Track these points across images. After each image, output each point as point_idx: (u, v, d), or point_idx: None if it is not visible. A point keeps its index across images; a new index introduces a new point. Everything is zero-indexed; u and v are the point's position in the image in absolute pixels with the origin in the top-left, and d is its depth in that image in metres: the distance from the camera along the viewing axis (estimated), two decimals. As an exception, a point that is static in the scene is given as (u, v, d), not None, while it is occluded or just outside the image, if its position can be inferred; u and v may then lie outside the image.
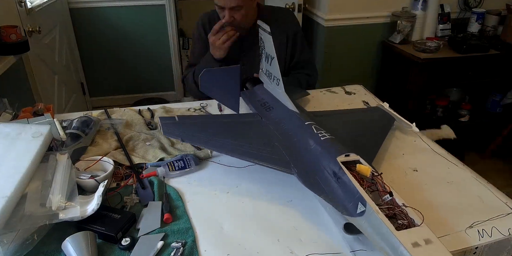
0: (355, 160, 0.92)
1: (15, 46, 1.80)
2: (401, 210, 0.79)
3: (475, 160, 2.80)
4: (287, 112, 1.20)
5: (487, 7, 2.64)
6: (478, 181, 1.09)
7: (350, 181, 0.85)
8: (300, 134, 1.09)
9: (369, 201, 0.79)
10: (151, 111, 1.44)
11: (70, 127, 1.21)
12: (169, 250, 0.84)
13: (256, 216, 0.96)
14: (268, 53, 1.29)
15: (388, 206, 0.80)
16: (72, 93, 2.95)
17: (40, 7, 2.39)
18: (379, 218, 0.75)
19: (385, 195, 0.82)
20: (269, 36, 1.24)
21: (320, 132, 1.04)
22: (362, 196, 0.80)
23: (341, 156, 0.92)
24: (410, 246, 0.70)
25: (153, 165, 1.13)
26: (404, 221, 0.77)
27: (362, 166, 0.89)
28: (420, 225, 0.75)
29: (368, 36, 2.63)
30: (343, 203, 0.86)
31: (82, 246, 0.81)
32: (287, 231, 0.91)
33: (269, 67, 1.31)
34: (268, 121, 1.21)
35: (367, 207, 0.78)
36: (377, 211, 0.76)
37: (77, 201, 0.93)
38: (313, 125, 1.08)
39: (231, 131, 1.16)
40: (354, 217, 0.82)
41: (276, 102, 1.28)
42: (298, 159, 1.02)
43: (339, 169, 0.89)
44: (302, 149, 1.04)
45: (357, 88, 1.68)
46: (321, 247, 0.86)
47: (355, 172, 0.89)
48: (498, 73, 2.51)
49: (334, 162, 0.92)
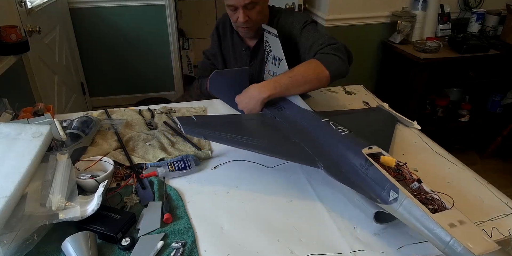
0: (378, 152, 0.96)
1: (15, 46, 1.81)
2: (430, 196, 0.83)
3: (475, 160, 2.80)
4: (300, 111, 1.21)
5: (487, 7, 2.63)
6: (478, 181, 1.09)
7: (378, 171, 0.89)
8: (320, 130, 1.11)
9: (400, 188, 0.83)
10: (151, 111, 1.44)
11: (70, 127, 1.21)
12: (169, 250, 0.84)
13: (256, 216, 0.96)
14: (275, 56, 1.29)
15: (417, 192, 0.84)
16: (72, 93, 2.95)
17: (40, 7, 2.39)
18: (413, 203, 0.79)
19: (412, 183, 0.85)
20: (276, 39, 1.24)
21: (339, 127, 1.07)
22: (393, 183, 0.84)
23: (365, 148, 0.96)
24: (447, 227, 0.74)
25: (153, 165, 1.13)
26: (434, 205, 0.80)
27: (387, 157, 0.93)
28: (451, 208, 0.79)
29: (368, 36, 2.63)
30: (375, 192, 0.88)
31: (82, 246, 0.81)
32: (287, 231, 0.91)
33: (276, 69, 1.31)
34: (283, 120, 1.21)
35: (399, 193, 0.82)
36: (410, 196, 0.80)
37: (77, 201, 0.93)
38: (330, 121, 1.10)
39: (248, 129, 1.17)
40: (388, 204, 0.85)
41: (287, 102, 1.28)
42: (322, 153, 1.05)
43: (366, 160, 0.93)
44: (324, 144, 1.07)
45: (357, 88, 1.68)
46: (321, 247, 0.86)
47: (380, 163, 0.92)
48: (498, 73, 2.50)
49: (360, 154, 0.95)
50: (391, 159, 0.92)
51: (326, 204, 0.99)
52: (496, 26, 2.61)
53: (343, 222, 0.94)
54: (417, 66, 2.36)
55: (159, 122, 1.35)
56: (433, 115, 2.74)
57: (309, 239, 0.89)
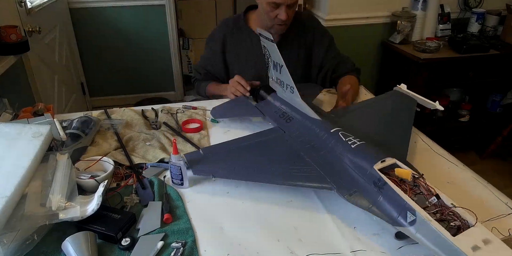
0: (393, 164, 0.90)
1: (15, 46, 1.81)
2: (451, 211, 0.77)
3: (475, 160, 2.80)
4: (309, 122, 1.16)
5: (487, 7, 2.64)
6: (478, 181, 1.09)
7: (393, 190, 0.82)
8: (329, 144, 1.05)
9: (418, 209, 0.77)
10: (155, 110, 1.44)
11: (70, 127, 1.21)
12: (169, 250, 0.84)
13: (256, 216, 0.96)
14: (275, 62, 1.26)
15: (436, 209, 0.78)
16: (72, 93, 2.95)
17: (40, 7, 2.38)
18: (432, 226, 0.73)
19: (431, 198, 0.80)
20: (273, 44, 1.20)
21: (349, 139, 1.00)
22: (410, 205, 0.78)
23: (377, 163, 0.90)
24: (470, 251, 0.68)
25: (153, 165, 1.13)
26: (456, 222, 0.75)
27: (401, 170, 0.86)
28: (474, 225, 0.73)
29: (368, 36, 2.63)
30: (391, 214, 0.83)
31: (82, 246, 0.81)
32: (287, 231, 0.91)
33: (279, 75, 1.27)
34: (291, 135, 1.16)
35: (417, 215, 0.77)
36: (428, 219, 0.74)
37: (77, 201, 0.93)
38: (339, 131, 1.04)
39: (257, 154, 1.11)
40: (405, 227, 0.80)
41: (295, 111, 1.23)
42: (333, 172, 0.99)
43: (379, 178, 0.87)
44: (335, 161, 1.01)
45: (357, 88, 1.67)
46: (321, 247, 0.86)
47: (395, 176, 0.86)
48: (498, 73, 2.50)
49: (372, 171, 0.89)
50: (407, 172, 0.85)
51: (326, 204, 0.99)
52: (496, 26, 2.62)
53: (343, 222, 0.94)
54: (417, 66, 2.36)
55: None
56: (433, 115, 2.74)
57: (309, 239, 0.89)
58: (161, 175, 1.11)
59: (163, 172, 1.12)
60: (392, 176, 0.87)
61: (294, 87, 1.20)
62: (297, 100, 1.22)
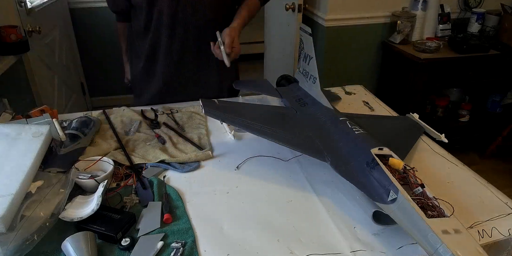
0: (388, 154, 0.96)
1: (15, 46, 1.81)
2: (431, 202, 0.82)
3: (475, 160, 2.80)
4: (322, 108, 1.24)
5: (487, 7, 2.64)
6: (478, 181, 1.09)
7: (383, 171, 0.89)
8: (335, 127, 1.13)
9: (400, 189, 0.82)
10: (154, 110, 1.44)
11: (69, 128, 1.21)
12: (169, 250, 0.84)
13: (256, 216, 0.96)
14: (307, 53, 1.34)
15: (418, 197, 0.83)
16: (72, 93, 2.95)
17: (40, 7, 2.39)
18: (410, 205, 0.79)
19: (416, 188, 0.85)
20: (309, 37, 1.30)
21: (354, 127, 1.08)
22: (394, 184, 0.84)
23: (375, 148, 0.96)
24: (440, 232, 0.73)
25: (153, 165, 1.13)
26: (434, 212, 0.80)
27: (395, 160, 0.92)
28: (449, 217, 0.78)
29: (368, 36, 2.63)
30: (376, 190, 0.89)
31: (82, 246, 0.81)
32: (287, 231, 0.91)
33: (306, 67, 1.36)
34: (302, 115, 1.25)
35: (398, 194, 0.82)
36: (408, 199, 0.80)
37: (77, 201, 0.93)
38: (347, 120, 1.12)
39: (267, 119, 1.20)
40: (386, 204, 0.85)
41: (311, 99, 1.32)
42: (332, 148, 1.06)
43: (373, 159, 0.93)
44: (336, 140, 1.08)
45: (357, 88, 1.68)
46: (321, 247, 0.86)
47: (388, 165, 0.92)
48: (498, 73, 2.51)
49: (368, 153, 0.95)
50: (399, 162, 0.91)
51: (326, 204, 0.99)
52: (496, 26, 2.62)
53: (343, 222, 0.94)
54: (417, 66, 2.36)
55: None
56: (433, 115, 2.75)
57: (309, 239, 0.89)
58: (161, 175, 1.11)
59: (163, 172, 1.12)
60: (386, 165, 0.92)
61: (317, 78, 1.28)
62: (316, 90, 1.30)
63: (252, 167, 1.13)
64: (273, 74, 3.02)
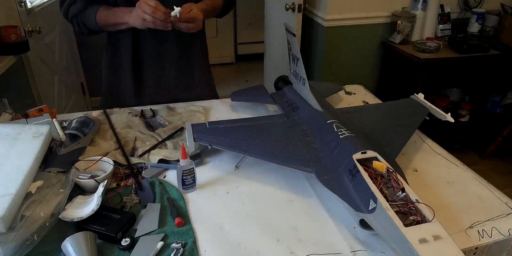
0: (372, 157, 0.94)
1: (15, 46, 1.81)
2: (414, 206, 0.80)
3: (475, 160, 2.80)
4: (310, 111, 1.23)
5: (487, 7, 2.64)
6: (478, 181, 1.09)
7: (363, 179, 0.87)
8: (321, 132, 1.11)
9: (380, 198, 0.80)
10: (153, 111, 1.44)
11: (69, 128, 1.21)
12: (169, 250, 0.84)
13: (256, 216, 0.96)
14: (294, 55, 1.32)
15: (401, 202, 0.82)
16: (72, 93, 2.95)
17: (40, 7, 2.39)
18: (388, 214, 0.77)
19: (398, 192, 0.84)
20: (294, 37, 1.28)
21: (340, 130, 1.06)
22: (374, 193, 0.82)
23: (357, 153, 0.94)
24: (416, 242, 0.71)
25: (153, 165, 1.13)
26: (416, 217, 0.78)
27: (378, 163, 0.90)
28: (431, 221, 0.76)
29: (368, 36, 2.63)
30: (356, 200, 0.88)
31: (82, 246, 0.81)
32: (287, 231, 0.91)
33: (296, 68, 1.34)
34: (293, 122, 1.24)
35: (377, 204, 0.80)
36: (387, 207, 0.78)
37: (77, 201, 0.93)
38: (334, 123, 1.10)
39: (256, 134, 1.19)
40: (366, 213, 0.84)
41: (303, 101, 1.30)
42: (317, 157, 1.05)
43: (354, 166, 0.91)
44: (321, 148, 1.07)
45: (357, 88, 1.68)
46: (321, 247, 0.86)
47: (372, 169, 0.90)
48: (498, 73, 2.51)
49: (350, 160, 0.94)
50: (382, 165, 0.89)
51: (326, 204, 0.99)
52: (496, 26, 2.61)
53: (343, 222, 0.94)
54: (417, 66, 2.36)
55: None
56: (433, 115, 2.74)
57: (309, 239, 0.89)
58: (161, 175, 1.11)
59: (163, 172, 1.12)
60: (370, 168, 0.91)
61: (306, 79, 1.26)
62: (306, 91, 1.27)
63: (252, 167, 1.13)
64: (273, 74, 3.02)
